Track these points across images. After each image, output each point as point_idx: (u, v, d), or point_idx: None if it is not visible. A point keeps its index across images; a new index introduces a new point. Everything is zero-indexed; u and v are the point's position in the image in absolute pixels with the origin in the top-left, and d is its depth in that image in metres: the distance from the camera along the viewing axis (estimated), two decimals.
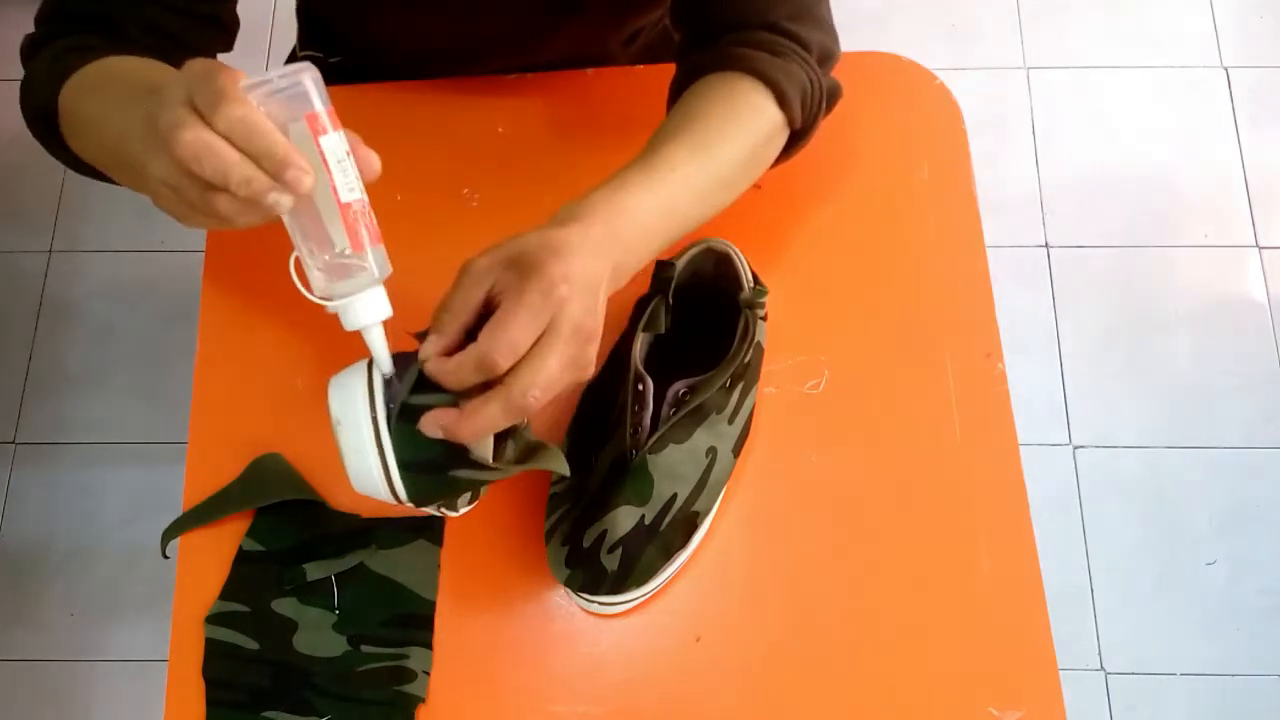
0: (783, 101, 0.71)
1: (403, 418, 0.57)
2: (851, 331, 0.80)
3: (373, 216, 0.54)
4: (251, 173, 0.49)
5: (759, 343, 0.73)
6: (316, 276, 0.55)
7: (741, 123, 0.70)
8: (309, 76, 0.51)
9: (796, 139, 0.75)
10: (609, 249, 0.60)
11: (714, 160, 0.68)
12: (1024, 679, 0.71)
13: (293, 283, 0.58)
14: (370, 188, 0.61)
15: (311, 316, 0.82)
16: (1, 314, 1.66)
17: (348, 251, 0.53)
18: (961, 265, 0.82)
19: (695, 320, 0.73)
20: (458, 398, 0.56)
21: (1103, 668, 1.45)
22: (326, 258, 0.54)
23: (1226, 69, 1.75)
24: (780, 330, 0.78)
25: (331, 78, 0.92)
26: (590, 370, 0.58)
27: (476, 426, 0.56)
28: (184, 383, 0.78)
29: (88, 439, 1.59)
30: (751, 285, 0.73)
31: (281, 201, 0.50)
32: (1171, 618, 1.48)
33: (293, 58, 1.03)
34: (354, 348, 0.80)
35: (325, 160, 0.50)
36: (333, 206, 0.52)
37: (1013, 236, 1.66)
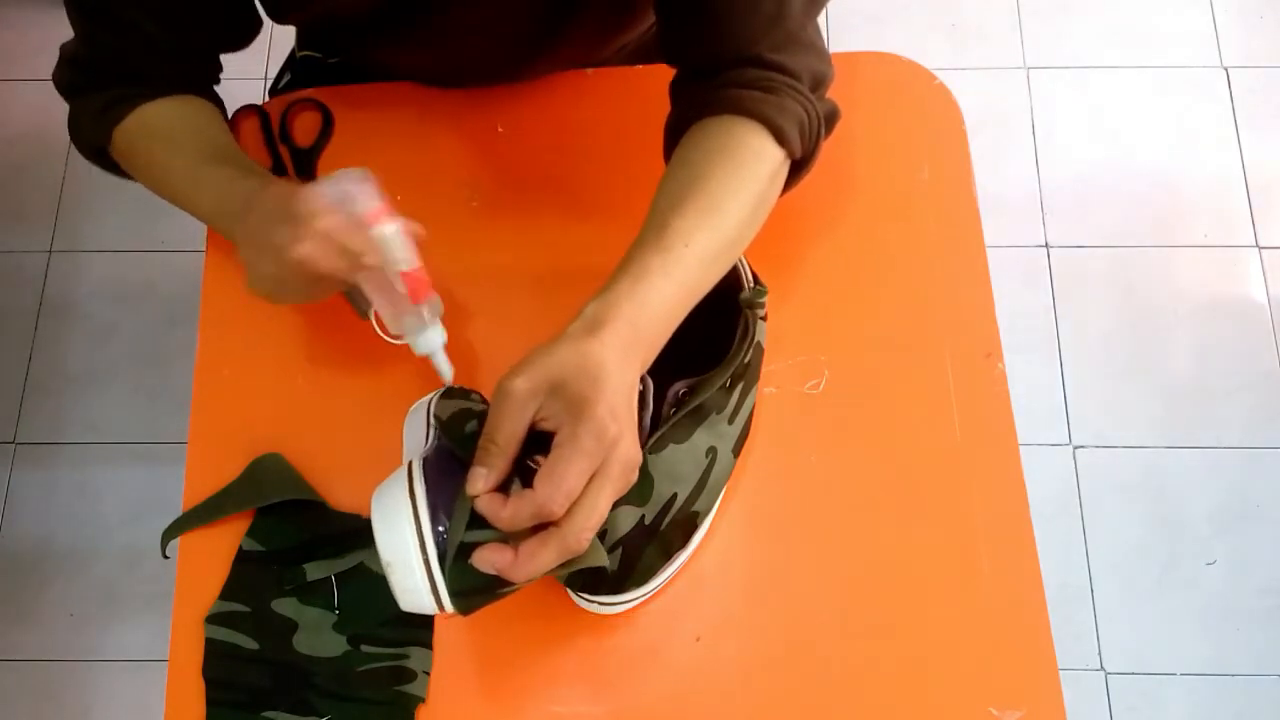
0: (781, 139, 0.70)
1: (457, 558, 0.57)
2: (851, 331, 0.80)
3: (425, 272, 0.69)
4: (346, 263, 0.65)
5: (759, 343, 0.73)
6: (391, 322, 0.72)
7: (746, 172, 0.69)
8: (369, 185, 0.68)
9: (799, 168, 0.74)
10: (637, 349, 0.61)
11: (725, 222, 0.67)
12: (1024, 679, 0.71)
13: None
14: None
15: (312, 317, 0.82)
16: (1, 314, 1.66)
17: (410, 303, 0.69)
18: (961, 265, 0.81)
19: (695, 320, 0.73)
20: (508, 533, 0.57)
21: (1103, 668, 1.45)
22: (396, 309, 0.71)
23: (1226, 69, 1.75)
24: (780, 330, 0.78)
25: (331, 77, 0.93)
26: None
27: (531, 571, 0.56)
28: (184, 383, 0.78)
29: (88, 439, 1.58)
30: (751, 285, 0.73)
31: (361, 277, 0.68)
32: (1171, 618, 1.47)
33: (291, 58, 1.03)
34: (352, 350, 0.80)
35: (388, 242, 0.67)
36: (396, 274, 0.68)
37: (1013, 236, 1.66)
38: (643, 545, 0.69)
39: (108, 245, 1.69)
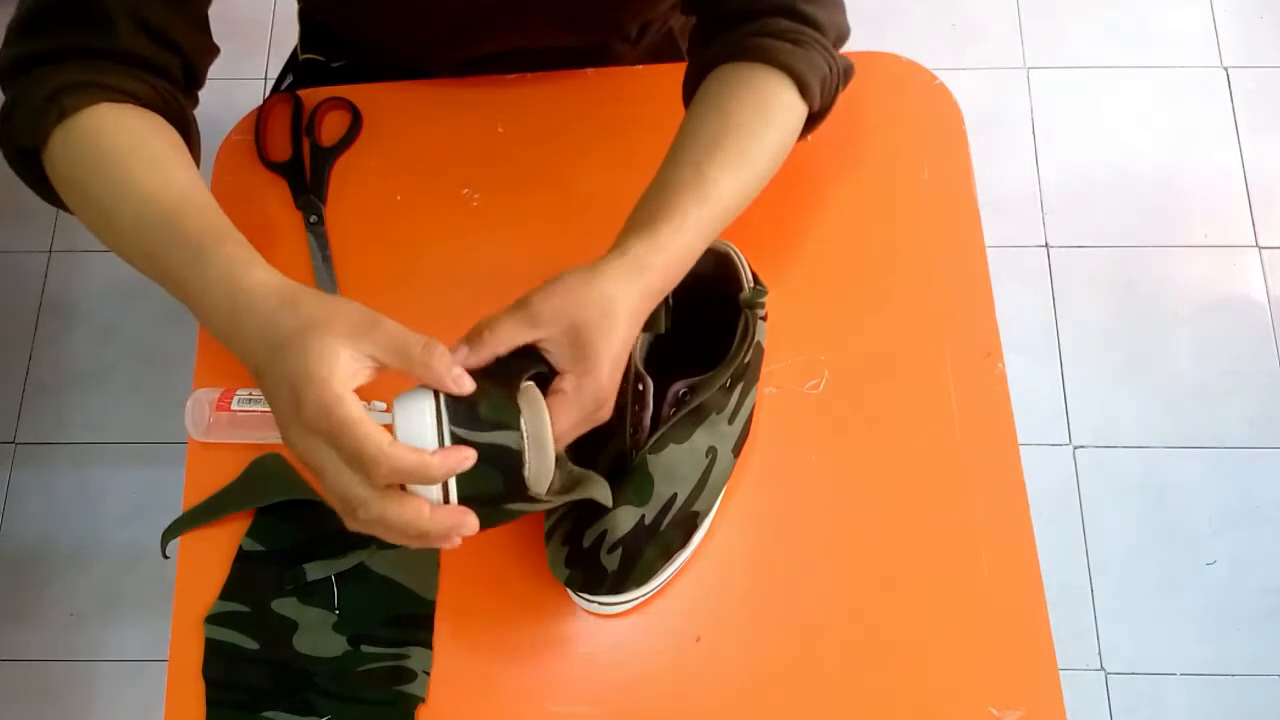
0: (805, 92, 0.72)
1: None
2: (851, 331, 0.80)
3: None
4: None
5: (759, 343, 0.73)
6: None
7: (774, 125, 0.72)
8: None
9: (813, 121, 0.76)
10: (654, 298, 0.64)
11: (751, 176, 0.70)
12: (1024, 679, 0.71)
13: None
14: (371, 187, 0.62)
15: None
16: (1, 314, 1.66)
17: None
18: (961, 265, 0.81)
19: (695, 320, 0.73)
20: (519, 433, 0.57)
21: (1103, 668, 1.45)
22: None
23: (1226, 69, 1.75)
24: (780, 330, 0.78)
25: (333, 80, 0.93)
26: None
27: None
28: (184, 383, 0.78)
29: (88, 439, 1.58)
30: (751, 285, 0.73)
31: None
32: (1171, 618, 1.47)
33: (293, 59, 1.03)
34: None
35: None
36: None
37: (1013, 236, 1.66)
38: (643, 545, 0.69)
39: None
